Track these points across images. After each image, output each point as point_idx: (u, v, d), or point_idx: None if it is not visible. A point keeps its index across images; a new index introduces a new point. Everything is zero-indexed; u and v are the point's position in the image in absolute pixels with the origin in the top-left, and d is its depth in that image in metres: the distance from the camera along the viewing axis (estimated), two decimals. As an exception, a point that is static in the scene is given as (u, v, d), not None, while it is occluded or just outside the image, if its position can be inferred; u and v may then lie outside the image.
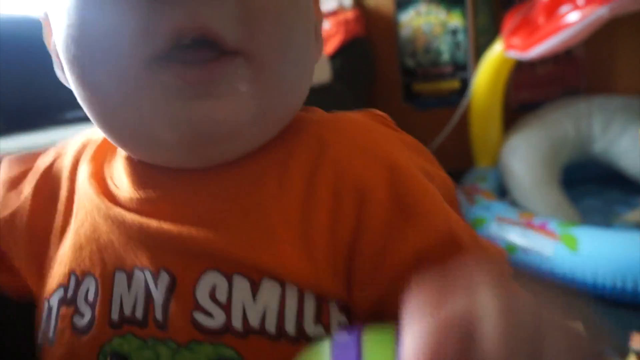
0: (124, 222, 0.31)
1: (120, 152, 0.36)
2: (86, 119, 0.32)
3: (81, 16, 0.27)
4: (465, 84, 1.82)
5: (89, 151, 0.38)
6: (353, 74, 1.70)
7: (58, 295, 0.33)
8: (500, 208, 1.36)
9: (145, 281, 0.30)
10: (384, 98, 1.99)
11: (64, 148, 0.40)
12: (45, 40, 0.35)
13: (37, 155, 0.40)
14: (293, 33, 0.30)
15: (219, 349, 0.28)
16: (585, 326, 0.21)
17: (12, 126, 0.89)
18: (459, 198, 0.35)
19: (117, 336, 0.30)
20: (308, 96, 0.35)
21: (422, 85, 1.93)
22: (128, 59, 0.27)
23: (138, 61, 0.27)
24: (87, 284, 0.32)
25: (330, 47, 1.67)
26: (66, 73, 0.31)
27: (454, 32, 1.84)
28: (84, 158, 0.37)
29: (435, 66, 1.89)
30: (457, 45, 1.84)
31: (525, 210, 1.38)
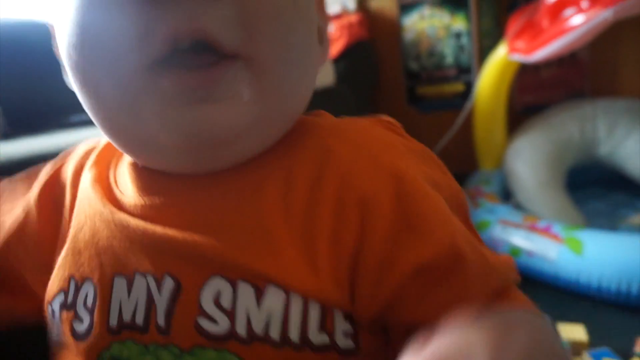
0: (128, 227, 0.31)
1: (125, 158, 0.36)
2: (91, 123, 0.32)
3: (80, 22, 0.27)
4: (469, 87, 1.82)
5: (92, 158, 0.38)
6: (357, 77, 1.70)
7: (59, 299, 0.34)
8: (504, 211, 1.36)
9: (147, 286, 0.30)
10: (388, 101, 1.99)
11: (67, 157, 0.40)
12: (54, 45, 0.35)
13: (40, 168, 0.41)
14: (293, 36, 0.29)
15: (223, 355, 0.28)
16: None
17: (18, 129, 0.89)
18: (468, 205, 0.34)
19: (116, 342, 0.30)
20: (312, 99, 0.35)
21: (426, 88, 1.93)
22: (127, 65, 0.27)
23: (137, 66, 0.27)
24: (86, 289, 0.32)
25: (334, 51, 1.67)
26: (69, 78, 0.31)
27: (458, 35, 1.84)
28: (87, 165, 0.38)
29: (439, 69, 1.89)
30: (461, 48, 1.84)
31: (529, 213, 1.37)
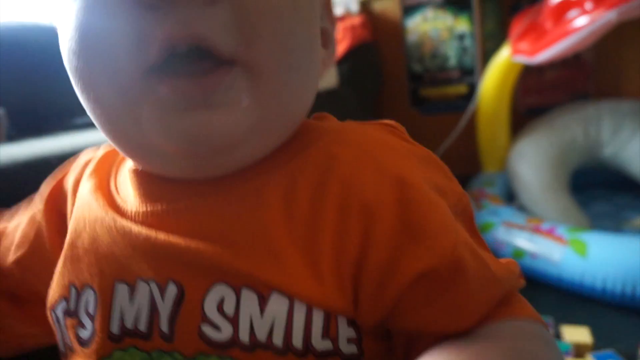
0: (131, 234, 0.31)
1: (126, 165, 0.36)
2: (95, 125, 0.32)
3: (79, 28, 0.27)
4: (472, 89, 1.82)
5: (90, 167, 0.38)
6: (360, 79, 1.70)
7: (61, 307, 0.34)
8: (507, 213, 1.36)
9: (150, 293, 0.30)
10: (391, 103, 1.99)
11: (69, 167, 0.41)
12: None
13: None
14: (293, 40, 0.29)
15: None
16: None
17: (22, 132, 0.90)
18: (473, 210, 0.34)
19: (118, 350, 0.30)
20: (315, 101, 0.34)
21: (429, 90, 1.93)
22: (125, 70, 0.27)
23: (134, 72, 0.26)
24: (87, 296, 0.32)
25: (337, 53, 1.67)
26: (72, 83, 0.31)
27: (461, 37, 1.84)
28: (86, 173, 0.38)
29: (442, 71, 1.89)
30: (464, 50, 1.84)
31: (533, 215, 1.37)
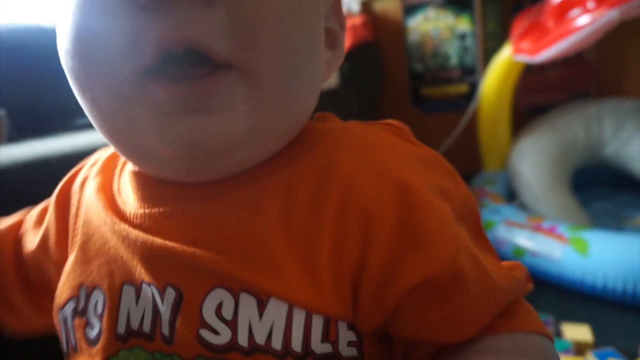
0: (128, 238, 0.31)
1: (128, 166, 0.36)
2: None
3: (74, 29, 0.27)
4: (473, 88, 1.82)
5: (97, 166, 0.38)
6: (361, 79, 1.70)
7: (70, 306, 0.34)
8: (508, 211, 1.36)
9: (152, 296, 0.30)
10: (392, 102, 1.99)
11: (80, 166, 0.41)
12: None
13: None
14: (293, 44, 0.28)
15: None
16: None
17: (23, 132, 0.90)
18: (478, 212, 0.34)
19: (124, 349, 0.30)
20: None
21: (430, 89, 1.93)
22: (119, 72, 0.26)
23: (129, 74, 0.26)
24: (96, 297, 0.32)
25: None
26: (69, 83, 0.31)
27: (462, 37, 1.84)
28: (92, 173, 0.38)
29: (443, 70, 1.89)
30: (466, 49, 1.84)
31: (534, 214, 1.37)
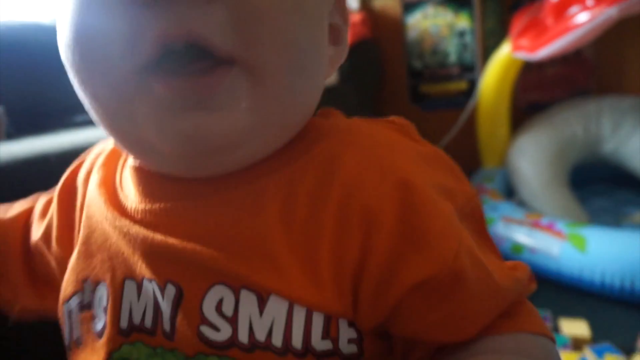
0: (129, 233, 0.31)
1: (129, 161, 0.36)
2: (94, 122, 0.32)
3: (74, 25, 0.27)
4: (472, 85, 1.82)
5: (101, 159, 0.38)
6: (360, 76, 1.70)
7: (76, 300, 0.34)
8: (507, 208, 1.36)
9: (153, 292, 0.30)
10: (391, 100, 1.99)
11: (84, 158, 0.41)
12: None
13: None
14: (296, 40, 0.28)
15: None
16: None
17: (21, 129, 0.90)
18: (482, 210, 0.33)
19: (126, 344, 0.30)
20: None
21: (429, 86, 1.93)
22: (120, 68, 0.26)
23: (129, 70, 0.26)
24: (101, 291, 0.32)
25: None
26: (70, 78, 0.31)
27: (462, 34, 1.83)
28: (96, 165, 0.38)
29: (442, 68, 1.89)
30: (465, 46, 1.84)
31: (532, 210, 1.38)
